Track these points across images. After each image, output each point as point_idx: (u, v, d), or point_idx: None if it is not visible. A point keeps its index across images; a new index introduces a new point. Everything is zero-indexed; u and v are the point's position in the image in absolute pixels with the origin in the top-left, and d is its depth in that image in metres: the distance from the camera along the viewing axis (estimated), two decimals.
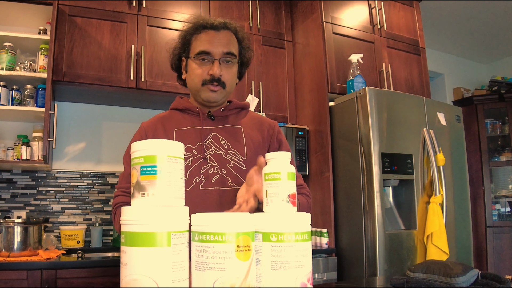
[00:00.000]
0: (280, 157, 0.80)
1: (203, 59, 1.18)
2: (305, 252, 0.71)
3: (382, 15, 2.94)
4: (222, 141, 1.20)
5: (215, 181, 1.16)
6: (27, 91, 2.30)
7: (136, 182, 0.69)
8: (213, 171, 1.16)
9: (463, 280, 0.94)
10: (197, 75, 1.19)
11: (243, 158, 1.19)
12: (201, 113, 1.23)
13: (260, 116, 1.34)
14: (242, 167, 1.18)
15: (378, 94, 2.37)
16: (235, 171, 1.17)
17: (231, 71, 1.22)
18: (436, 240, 2.24)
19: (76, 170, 2.62)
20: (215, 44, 1.18)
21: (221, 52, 1.18)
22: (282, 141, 1.30)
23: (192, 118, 1.24)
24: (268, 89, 2.84)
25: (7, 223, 1.88)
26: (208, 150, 1.18)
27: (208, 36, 1.19)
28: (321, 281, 2.32)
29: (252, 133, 1.26)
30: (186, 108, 1.25)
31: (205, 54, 1.18)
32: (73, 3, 2.37)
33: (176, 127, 1.22)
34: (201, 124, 1.22)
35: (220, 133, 1.22)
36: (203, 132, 1.21)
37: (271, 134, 1.29)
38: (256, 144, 1.24)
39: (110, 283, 1.85)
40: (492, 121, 4.03)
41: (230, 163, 1.18)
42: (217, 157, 1.18)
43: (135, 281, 0.62)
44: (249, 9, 2.85)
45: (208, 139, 1.20)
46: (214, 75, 1.17)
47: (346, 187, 2.44)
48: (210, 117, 1.24)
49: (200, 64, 1.19)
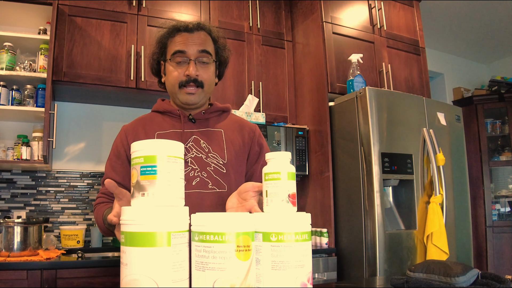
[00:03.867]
0: (280, 157, 0.80)
1: (179, 62, 1.19)
2: (305, 252, 0.71)
3: (382, 15, 2.94)
4: (203, 144, 1.20)
5: (195, 184, 1.15)
6: (27, 91, 2.30)
7: (136, 182, 0.69)
8: (194, 174, 1.16)
9: (463, 280, 0.94)
10: (174, 77, 1.20)
11: (223, 161, 1.20)
12: (182, 116, 1.23)
13: (241, 119, 1.34)
14: (222, 170, 1.19)
15: (378, 94, 2.37)
16: (215, 174, 1.18)
17: (208, 70, 1.22)
18: (436, 240, 2.24)
19: (76, 170, 2.62)
20: (189, 44, 1.19)
21: (195, 52, 1.19)
22: (263, 145, 1.30)
23: (173, 121, 1.24)
24: (268, 89, 2.84)
25: (7, 223, 1.88)
26: (189, 153, 1.18)
27: (182, 37, 1.20)
28: (321, 281, 2.32)
29: (233, 136, 1.26)
30: (167, 111, 1.25)
31: (180, 54, 1.19)
32: (73, 3, 2.37)
33: (157, 130, 1.22)
34: (182, 127, 1.22)
35: (200, 136, 1.21)
36: (184, 135, 1.20)
37: (251, 137, 1.29)
38: (236, 147, 1.24)
39: (110, 283, 1.85)
40: (492, 121, 4.03)
41: (211, 166, 1.18)
42: (198, 160, 1.18)
43: (135, 281, 0.62)
44: (249, 9, 2.85)
45: (189, 142, 1.19)
46: (190, 75, 1.17)
47: (346, 187, 2.44)
48: (191, 120, 1.23)
49: (176, 66, 1.20)
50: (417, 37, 3.14)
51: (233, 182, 1.20)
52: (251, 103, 2.67)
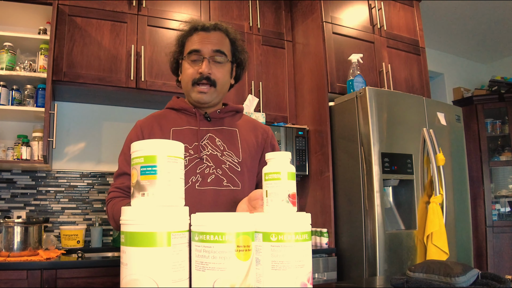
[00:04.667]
0: (280, 157, 0.80)
1: (194, 60, 1.22)
2: (305, 252, 0.71)
3: (382, 15, 2.94)
4: (218, 142, 1.23)
5: (210, 181, 1.18)
6: (27, 91, 2.30)
7: (136, 182, 0.69)
8: (209, 171, 1.18)
9: (463, 280, 0.94)
10: (188, 75, 1.23)
11: (238, 160, 1.22)
12: (198, 114, 1.25)
13: (254, 120, 1.37)
14: (237, 168, 1.21)
15: (378, 94, 2.37)
16: (230, 172, 1.20)
17: (222, 70, 1.24)
18: (436, 240, 2.24)
19: (76, 170, 2.62)
20: (204, 43, 1.22)
21: (210, 51, 1.21)
22: (275, 147, 1.33)
23: (188, 118, 1.26)
24: (268, 89, 2.84)
25: (7, 223, 1.87)
26: (204, 150, 1.20)
27: (199, 36, 1.23)
28: (321, 281, 2.32)
29: (247, 136, 1.28)
30: (183, 108, 1.27)
31: (195, 53, 1.21)
32: (73, 3, 2.37)
33: (173, 127, 1.24)
34: (197, 125, 1.24)
35: (216, 134, 1.24)
36: (199, 132, 1.23)
37: (265, 138, 1.32)
38: (250, 147, 1.27)
39: (110, 283, 1.85)
40: (492, 121, 4.03)
41: (226, 164, 1.21)
42: (213, 158, 1.20)
43: (135, 281, 0.62)
44: (249, 9, 2.85)
45: (204, 140, 1.22)
46: (203, 72, 1.20)
47: (346, 187, 2.44)
48: (206, 118, 1.26)
49: (191, 64, 1.23)
50: (417, 37, 3.14)
51: (247, 181, 1.22)
52: (251, 103, 2.67)
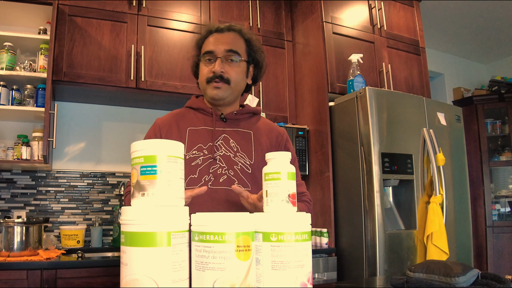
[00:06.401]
0: (280, 157, 0.80)
1: (209, 59, 1.26)
2: (305, 252, 0.71)
3: (382, 15, 2.94)
4: (232, 143, 1.25)
5: (223, 181, 1.20)
6: (27, 91, 2.30)
7: (136, 182, 0.69)
8: (221, 171, 1.21)
9: (463, 280, 0.94)
10: (203, 74, 1.28)
11: (250, 162, 1.24)
12: (214, 114, 1.28)
13: (270, 123, 1.40)
14: (248, 170, 1.23)
15: (378, 94, 2.37)
16: (241, 173, 1.22)
17: (236, 68, 1.27)
18: (436, 240, 2.24)
19: (76, 170, 2.61)
20: (218, 44, 1.26)
21: (222, 51, 1.25)
22: (290, 149, 1.34)
23: (205, 118, 1.30)
24: (268, 89, 2.84)
25: (7, 223, 1.87)
26: (218, 151, 1.23)
27: (213, 38, 1.29)
28: (321, 281, 2.32)
29: (262, 138, 1.30)
30: (200, 108, 1.31)
31: (209, 54, 1.26)
32: (73, 3, 2.36)
33: (189, 126, 1.27)
34: (213, 125, 1.27)
35: (230, 135, 1.26)
36: (214, 133, 1.25)
37: (279, 141, 1.33)
38: (264, 149, 1.28)
39: (110, 283, 1.85)
40: (492, 121, 4.03)
41: (238, 165, 1.23)
42: (226, 159, 1.22)
43: (135, 281, 0.62)
44: (249, 9, 2.85)
45: (218, 140, 1.25)
46: (215, 71, 1.24)
47: (346, 187, 2.44)
48: (222, 119, 1.29)
49: (206, 64, 1.27)
50: (417, 37, 3.14)
51: (258, 183, 1.23)
52: (251, 103, 2.67)
